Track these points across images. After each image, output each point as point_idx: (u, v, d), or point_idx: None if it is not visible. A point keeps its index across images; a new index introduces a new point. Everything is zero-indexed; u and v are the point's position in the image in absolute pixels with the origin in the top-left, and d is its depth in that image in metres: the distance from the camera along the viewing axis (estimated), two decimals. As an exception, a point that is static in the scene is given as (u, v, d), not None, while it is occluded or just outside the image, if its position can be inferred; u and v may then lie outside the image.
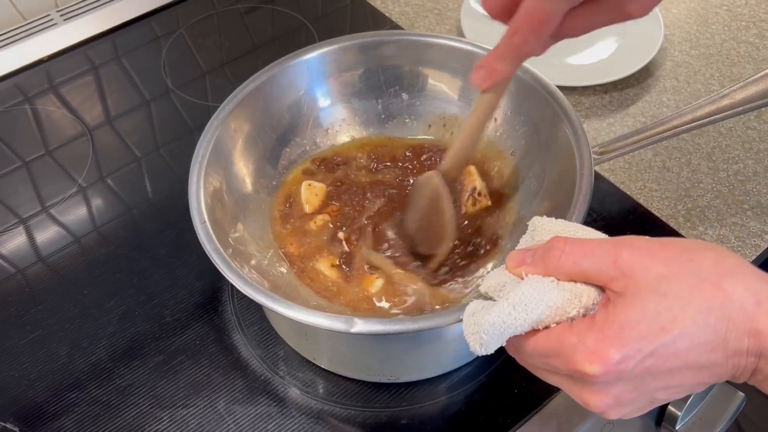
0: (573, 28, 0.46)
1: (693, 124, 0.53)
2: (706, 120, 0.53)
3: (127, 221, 0.71)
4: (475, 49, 0.61)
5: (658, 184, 0.71)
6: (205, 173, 0.56)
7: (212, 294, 0.63)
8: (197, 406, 0.56)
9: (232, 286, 0.63)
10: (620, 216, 0.68)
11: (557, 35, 0.46)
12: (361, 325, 0.45)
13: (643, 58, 0.81)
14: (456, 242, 0.57)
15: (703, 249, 0.36)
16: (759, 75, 0.53)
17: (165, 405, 0.57)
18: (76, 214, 0.72)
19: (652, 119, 0.77)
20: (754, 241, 0.66)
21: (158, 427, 0.56)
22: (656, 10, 0.85)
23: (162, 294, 0.64)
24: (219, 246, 0.51)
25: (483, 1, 0.46)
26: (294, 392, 0.57)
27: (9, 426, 0.56)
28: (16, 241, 0.70)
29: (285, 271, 0.58)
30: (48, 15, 0.91)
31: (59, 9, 0.91)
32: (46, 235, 0.70)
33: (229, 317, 0.62)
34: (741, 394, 0.63)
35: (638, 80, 0.82)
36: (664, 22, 0.86)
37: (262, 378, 0.58)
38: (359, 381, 0.57)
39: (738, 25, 0.88)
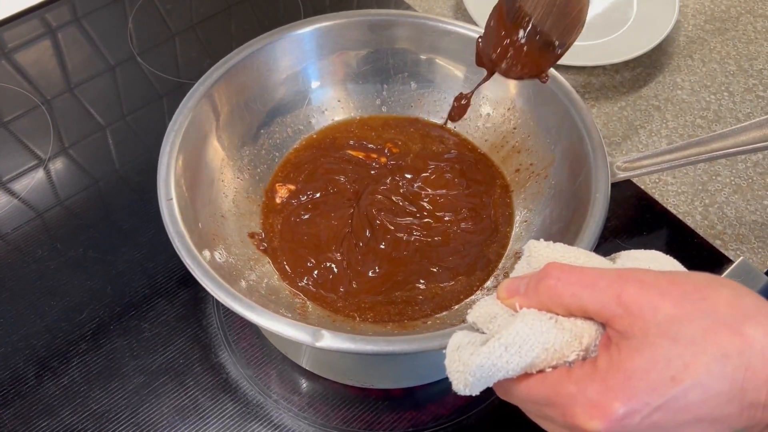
0: None
1: (732, 149, 0.47)
2: (749, 147, 0.47)
3: (92, 193, 0.65)
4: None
5: (674, 177, 0.67)
6: (180, 145, 0.50)
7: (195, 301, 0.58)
8: (183, 435, 0.52)
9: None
10: (635, 214, 0.63)
11: None
12: (327, 340, 0.41)
13: (656, 36, 0.75)
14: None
15: (717, 286, 0.31)
16: None
17: (147, 433, 0.52)
18: (38, 188, 0.66)
19: (665, 103, 0.72)
20: (775, 242, 0.62)
21: (140, 458, 0.51)
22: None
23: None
24: (183, 228, 0.46)
25: None
26: (289, 418, 0.52)
27: (-28, 458, 0.51)
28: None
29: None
30: (-3, -27, 0.81)
31: (10, -33, 0.81)
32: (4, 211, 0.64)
33: (215, 332, 0.56)
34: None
35: (650, 57, 0.76)
36: (677, -9, 0.79)
37: (254, 402, 0.53)
38: (358, 405, 0.53)
39: (755, -4, 0.82)
